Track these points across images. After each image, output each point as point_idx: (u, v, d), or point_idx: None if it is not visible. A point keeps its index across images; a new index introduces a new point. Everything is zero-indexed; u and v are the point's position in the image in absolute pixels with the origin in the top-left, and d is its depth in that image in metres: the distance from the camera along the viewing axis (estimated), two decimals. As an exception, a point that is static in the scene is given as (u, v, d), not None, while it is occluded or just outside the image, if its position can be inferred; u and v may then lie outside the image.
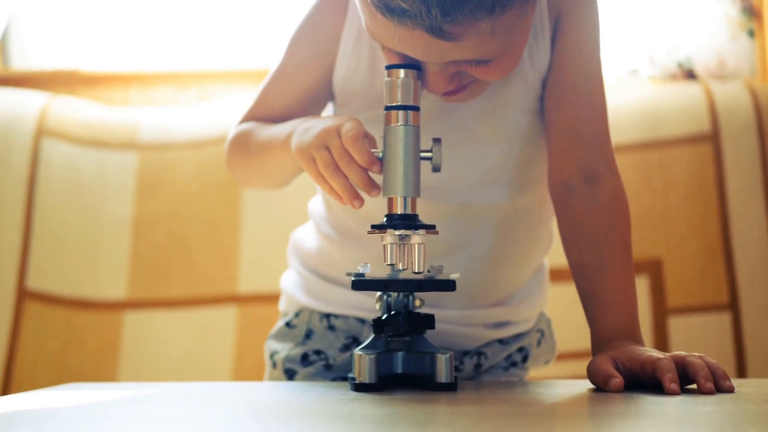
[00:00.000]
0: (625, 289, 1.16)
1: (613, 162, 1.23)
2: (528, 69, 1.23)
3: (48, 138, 2.03)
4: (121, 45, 2.28)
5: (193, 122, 2.07)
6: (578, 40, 1.23)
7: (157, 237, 2.00)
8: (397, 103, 1.06)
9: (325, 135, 1.11)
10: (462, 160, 1.24)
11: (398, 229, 1.04)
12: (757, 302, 1.92)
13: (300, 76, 1.30)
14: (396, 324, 1.08)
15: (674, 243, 1.96)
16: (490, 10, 1.00)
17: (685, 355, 1.04)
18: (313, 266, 1.37)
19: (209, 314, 1.96)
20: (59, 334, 1.94)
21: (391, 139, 1.07)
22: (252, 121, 1.34)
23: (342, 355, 1.32)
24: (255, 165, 1.33)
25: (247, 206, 2.00)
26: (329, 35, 1.27)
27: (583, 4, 1.24)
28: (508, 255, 1.30)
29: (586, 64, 1.23)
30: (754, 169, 1.97)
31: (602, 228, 1.18)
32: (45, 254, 1.97)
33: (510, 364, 1.36)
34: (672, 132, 2.01)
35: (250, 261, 1.98)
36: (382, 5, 1.01)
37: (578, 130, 1.21)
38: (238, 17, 2.28)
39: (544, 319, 1.42)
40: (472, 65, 1.09)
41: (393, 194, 1.06)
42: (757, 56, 2.21)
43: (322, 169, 1.10)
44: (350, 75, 1.26)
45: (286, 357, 1.34)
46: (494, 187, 1.26)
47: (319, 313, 1.35)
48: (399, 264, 1.06)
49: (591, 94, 1.23)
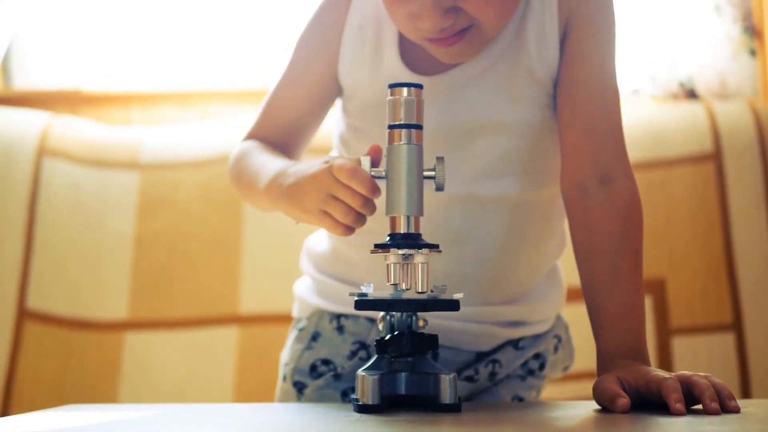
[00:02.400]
0: (634, 303, 1.15)
1: (628, 163, 1.22)
2: (536, 63, 1.22)
3: (49, 157, 2.02)
4: (123, 65, 2.28)
5: (194, 141, 2.07)
6: (590, 40, 1.23)
7: (158, 257, 1.99)
8: (401, 121, 1.06)
9: (320, 182, 1.10)
10: (469, 149, 1.23)
11: (401, 248, 1.04)
12: (760, 322, 1.91)
13: (306, 72, 1.31)
14: (399, 345, 1.07)
15: (677, 262, 1.95)
16: None
17: (691, 374, 1.03)
18: (326, 268, 1.37)
19: (210, 334, 1.95)
20: (59, 354, 1.93)
21: (394, 158, 1.06)
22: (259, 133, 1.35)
23: (349, 362, 1.30)
24: (246, 195, 1.34)
25: (249, 226, 2.00)
26: (332, 26, 1.28)
27: (595, 6, 1.23)
28: (518, 250, 1.29)
29: (599, 64, 1.23)
30: (756, 189, 1.97)
31: (616, 236, 1.17)
32: (46, 274, 1.96)
33: (527, 372, 1.34)
34: (674, 151, 2.00)
35: (252, 281, 1.98)
36: None
37: (592, 130, 1.21)
38: (239, 37, 2.28)
39: (561, 324, 1.40)
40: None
41: (396, 213, 1.05)
42: (758, 75, 2.21)
43: (343, 219, 1.09)
44: (354, 65, 1.27)
45: (295, 369, 1.33)
46: (501, 178, 1.25)
47: (329, 314, 1.34)
48: (402, 284, 1.05)
49: (605, 95, 1.22)
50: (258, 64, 2.26)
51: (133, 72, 2.28)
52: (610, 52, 1.24)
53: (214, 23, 2.28)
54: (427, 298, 1.06)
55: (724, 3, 2.20)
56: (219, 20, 2.28)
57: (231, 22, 2.29)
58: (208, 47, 2.28)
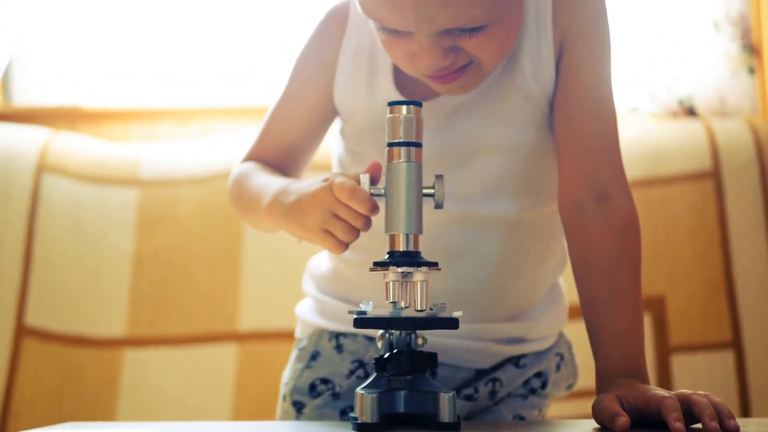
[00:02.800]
0: (633, 321, 1.14)
1: (625, 182, 1.21)
2: (531, 84, 1.22)
3: (49, 174, 2.02)
4: (123, 81, 2.28)
5: (194, 158, 2.07)
6: (585, 59, 1.23)
7: (157, 274, 1.99)
8: (400, 139, 1.06)
9: (321, 201, 1.10)
10: (465, 171, 1.24)
11: (400, 266, 1.03)
12: (760, 340, 1.91)
13: (303, 96, 1.31)
14: (398, 363, 1.07)
15: (676, 280, 1.95)
16: None
17: (690, 393, 1.03)
18: (326, 288, 1.37)
19: (209, 352, 1.95)
20: (58, 371, 1.93)
21: (393, 176, 1.06)
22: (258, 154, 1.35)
23: (347, 381, 1.30)
24: (247, 216, 1.34)
25: (249, 243, 2.00)
26: (329, 51, 1.28)
27: (591, 25, 1.24)
28: (518, 267, 1.29)
29: (594, 83, 1.23)
30: (755, 206, 1.97)
31: (614, 253, 1.17)
32: (44, 291, 1.96)
33: (529, 391, 1.33)
34: (673, 169, 2.01)
35: (250, 298, 1.97)
36: None
37: (588, 149, 1.21)
38: (239, 54, 2.28)
39: (563, 341, 1.39)
40: (465, 35, 1.09)
41: (395, 231, 1.05)
42: (757, 93, 2.21)
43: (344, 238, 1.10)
44: (350, 89, 1.27)
45: (294, 388, 1.32)
46: (498, 198, 1.26)
47: (329, 333, 1.34)
48: (401, 302, 1.05)
49: (600, 114, 1.22)
50: (257, 80, 2.27)
51: (132, 88, 2.28)
52: (605, 70, 1.24)
53: (214, 40, 2.29)
54: (426, 316, 1.06)
55: (723, 21, 2.21)
56: (219, 37, 2.29)
57: (231, 38, 2.29)
58: (208, 64, 2.29)
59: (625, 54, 2.22)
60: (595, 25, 1.24)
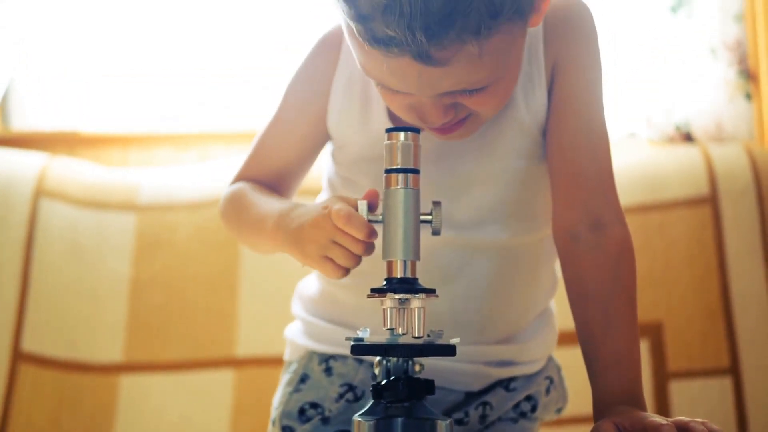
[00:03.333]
0: (629, 348, 1.14)
1: (619, 208, 1.21)
2: (523, 114, 1.23)
3: (47, 198, 2.02)
4: (121, 106, 2.28)
5: (192, 183, 2.07)
6: (577, 86, 1.23)
7: (155, 299, 1.99)
8: (397, 166, 1.06)
9: (321, 229, 1.11)
10: (456, 201, 1.24)
11: (398, 293, 1.03)
12: (758, 366, 1.91)
13: (295, 123, 1.31)
14: (395, 390, 1.06)
15: (674, 306, 1.95)
16: (476, 32, 1.01)
17: (688, 420, 1.03)
18: (315, 310, 1.37)
19: (206, 378, 1.95)
20: (54, 396, 1.92)
21: (390, 203, 1.06)
22: (249, 175, 1.36)
23: (337, 405, 1.30)
24: (245, 238, 1.35)
25: (246, 268, 2.00)
26: (322, 78, 1.29)
27: (581, 51, 1.24)
28: (509, 289, 1.29)
29: (586, 110, 1.23)
30: (753, 232, 1.97)
31: (608, 282, 1.17)
32: (41, 315, 1.96)
33: (519, 414, 1.33)
34: (671, 194, 2.01)
35: (248, 324, 1.97)
36: (369, 35, 1.03)
37: (581, 176, 1.21)
38: (237, 79, 2.29)
39: (553, 365, 1.39)
40: (466, 95, 1.09)
41: (393, 257, 1.05)
42: (754, 119, 2.22)
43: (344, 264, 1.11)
44: (343, 117, 1.27)
45: (283, 412, 1.32)
46: (490, 225, 1.26)
47: (318, 356, 1.34)
48: (399, 328, 1.05)
49: (593, 141, 1.22)
50: (255, 107, 2.27)
51: (130, 113, 2.29)
52: (597, 98, 1.25)
53: (212, 66, 2.29)
54: (424, 343, 1.06)
55: (720, 47, 2.22)
56: (217, 63, 2.29)
57: (229, 65, 2.29)
58: (206, 89, 2.29)
59: (623, 80, 2.22)
60: (586, 52, 1.25)
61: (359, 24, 1.03)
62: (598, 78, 1.25)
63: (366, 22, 1.02)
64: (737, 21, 2.21)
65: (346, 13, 1.04)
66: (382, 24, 1.00)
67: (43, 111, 2.27)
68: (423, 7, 0.98)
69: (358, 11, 1.02)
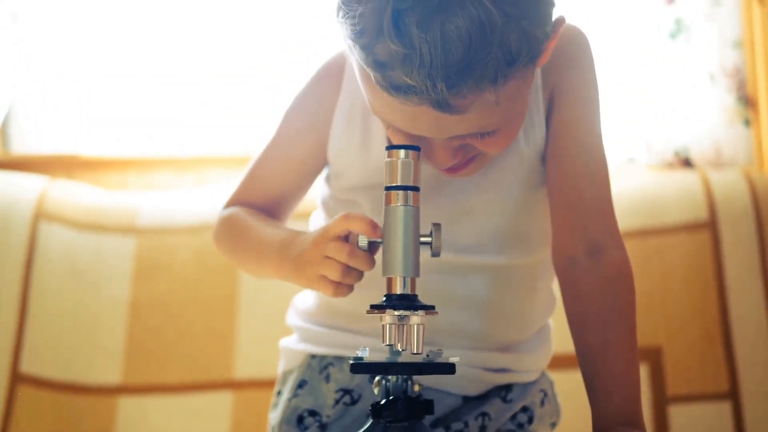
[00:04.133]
0: (629, 371, 1.15)
1: (617, 234, 1.22)
2: (523, 144, 1.24)
3: (46, 221, 2.02)
4: (121, 130, 2.29)
5: (191, 207, 2.08)
6: (575, 113, 1.24)
7: (153, 321, 1.98)
8: (397, 183, 1.07)
9: (317, 248, 1.13)
10: (456, 228, 1.25)
11: (397, 309, 1.04)
12: (757, 391, 1.91)
13: (294, 149, 1.32)
14: (395, 410, 1.06)
15: (673, 330, 1.95)
16: (493, 80, 1.02)
17: (687, 443, 1.03)
18: (313, 319, 1.37)
19: (205, 400, 1.94)
20: (52, 418, 1.92)
21: (390, 220, 1.06)
22: (243, 199, 1.36)
23: (334, 410, 1.30)
24: (244, 264, 1.37)
25: (245, 292, 2.00)
26: (323, 109, 1.29)
27: (579, 79, 1.25)
28: (506, 308, 1.30)
29: (584, 136, 1.24)
30: (752, 257, 1.97)
31: (607, 306, 1.17)
32: (40, 338, 1.95)
33: (517, 425, 1.33)
34: (670, 219, 2.01)
35: (246, 347, 1.97)
36: (387, 83, 1.03)
37: (579, 203, 1.22)
38: (236, 104, 2.29)
39: (546, 379, 1.40)
40: (477, 138, 1.10)
41: (392, 274, 1.06)
42: (753, 145, 2.22)
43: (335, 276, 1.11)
44: (343, 149, 1.28)
45: (282, 419, 1.32)
46: (488, 249, 1.27)
47: (318, 362, 1.34)
48: (398, 344, 1.05)
49: (591, 167, 1.23)
50: (254, 131, 2.27)
51: (130, 137, 2.29)
52: (595, 124, 1.26)
53: (211, 90, 2.30)
54: (423, 361, 1.06)
55: (719, 73, 2.22)
56: (216, 87, 2.30)
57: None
58: (205, 114, 2.29)
59: (622, 105, 2.23)
60: (583, 80, 1.26)
61: (377, 72, 1.03)
62: (596, 105, 1.26)
63: (384, 70, 1.02)
64: (736, 47, 2.22)
65: (362, 60, 1.04)
66: (402, 73, 1.01)
67: (42, 135, 2.28)
68: (443, 57, 0.99)
69: (376, 59, 1.02)
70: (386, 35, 1.00)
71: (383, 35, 1.01)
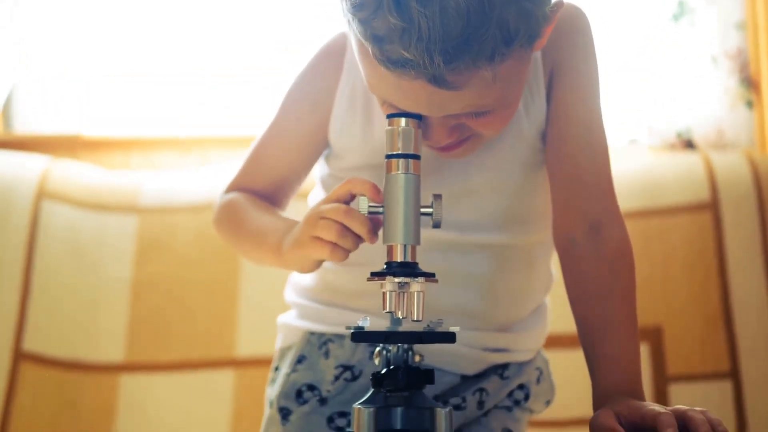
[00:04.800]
0: (628, 345, 1.15)
1: (617, 212, 1.22)
2: (524, 122, 1.24)
3: (48, 200, 2.03)
4: (124, 110, 2.29)
5: (193, 186, 2.08)
6: (575, 92, 1.24)
7: (155, 300, 1.99)
8: (398, 151, 1.07)
9: (313, 213, 1.14)
10: (456, 207, 1.25)
11: (398, 276, 1.04)
12: (758, 370, 1.91)
13: (295, 131, 1.32)
14: (395, 379, 1.07)
15: (674, 311, 1.95)
16: (491, 58, 1.02)
17: (687, 409, 1.03)
18: (311, 296, 1.38)
19: (207, 378, 1.95)
20: (55, 397, 1.92)
21: (391, 188, 1.07)
22: (245, 183, 1.36)
23: (334, 385, 1.31)
24: (244, 250, 1.38)
25: (246, 270, 2.00)
26: (324, 91, 1.29)
27: (579, 57, 1.25)
28: (505, 286, 1.30)
29: (584, 115, 1.24)
30: (753, 238, 1.97)
31: (606, 282, 1.18)
32: (42, 316, 1.96)
33: (513, 402, 1.35)
34: (672, 200, 2.01)
35: (248, 325, 1.97)
36: (385, 57, 1.03)
37: (579, 181, 1.22)
38: (240, 84, 2.29)
39: (541, 358, 1.41)
40: (472, 117, 1.10)
41: (393, 242, 1.06)
42: (755, 127, 2.22)
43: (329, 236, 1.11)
44: (345, 130, 1.28)
45: (281, 393, 1.32)
46: (488, 228, 1.27)
47: (315, 339, 1.34)
48: (398, 312, 1.05)
49: (591, 145, 1.23)
50: (255, 110, 2.27)
51: (133, 118, 2.29)
52: (595, 102, 1.26)
53: (215, 70, 2.30)
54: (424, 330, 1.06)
55: (721, 55, 2.22)
56: (219, 67, 2.30)
57: (229, 65, 2.30)
58: (208, 93, 2.29)
59: (625, 88, 2.23)
60: (583, 58, 1.26)
61: (375, 45, 1.03)
62: (596, 83, 1.26)
63: (382, 44, 1.02)
64: (738, 29, 2.22)
65: (360, 33, 1.04)
66: (399, 47, 1.01)
67: (45, 114, 2.28)
68: (442, 31, 0.99)
69: (374, 32, 1.02)
70: (385, 9, 1.01)
71: (382, 9, 1.01)
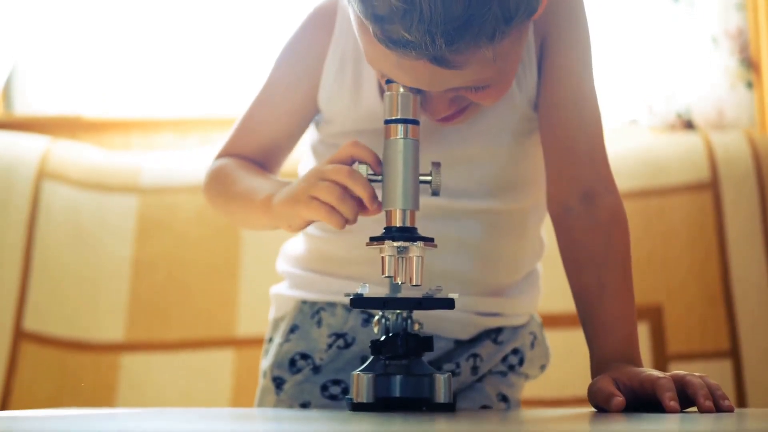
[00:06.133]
0: (625, 311, 1.16)
1: (610, 179, 1.23)
2: (515, 91, 1.24)
3: (49, 181, 2.03)
4: (124, 91, 2.29)
5: (193, 166, 2.08)
6: (566, 61, 1.24)
7: (156, 280, 1.99)
8: (397, 116, 1.07)
9: (313, 172, 1.13)
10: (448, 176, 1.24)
11: (396, 240, 1.04)
12: (758, 349, 1.91)
13: (285, 97, 1.31)
14: (394, 346, 1.07)
15: (675, 290, 1.95)
16: (491, 37, 1.02)
17: (685, 374, 1.03)
18: (304, 265, 1.37)
19: (207, 357, 1.95)
20: (55, 375, 1.93)
21: (390, 153, 1.07)
22: (235, 150, 1.36)
23: (327, 353, 1.30)
24: (232, 212, 1.36)
25: (247, 250, 2.00)
26: (314, 56, 1.28)
27: (570, 26, 1.25)
28: (497, 251, 1.30)
29: (576, 84, 1.24)
30: (753, 217, 1.97)
31: (601, 249, 1.19)
32: (43, 296, 1.96)
33: (508, 367, 1.35)
34: (672, 180, 2.01)
35: (248, 304, 1.98)
36: (386, 37, 1.02)
37: (572, 150, 1.23)
38: (240, 64, 2.29)
39: (535, 322, 1.41)
40: (471, 90, 1.10)
41: (392, 207, 1.06)
42: (755, 107, 2.22)
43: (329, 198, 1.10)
44: (335, 95, 1.27)
45: (275, 363, 1.33)
46: (479, 195, 1.28)
47: (308, 307, 1.34)
48: (397, 277, 1.05)
49: (582, 114, 1.24)
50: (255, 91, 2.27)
51: (133, 99, 2.29)
52: (586, 71, 1.26)
53: (215, 51, 2.30)
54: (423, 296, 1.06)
55: (722, 35, 2.22)
56: (219, 48, 2.30)
57: (231, 50, 2.30)
58: (208, 74, 2.30)
59: (625, 67, 2.23)
60: (575, 27, 1.26)
61: (376, 25, 1.03)
62: (588, 52, 1.26)
63: (383, 24, 1.02)
64: (739, 9, 2.22)
65: (361, 12, 1.04)
66: (401, 27, 1.00)
67: (45, 95, 2.28)
68: (443, 13, 0.99)
69: (375, 12, 1.02)
70: None
71: None
